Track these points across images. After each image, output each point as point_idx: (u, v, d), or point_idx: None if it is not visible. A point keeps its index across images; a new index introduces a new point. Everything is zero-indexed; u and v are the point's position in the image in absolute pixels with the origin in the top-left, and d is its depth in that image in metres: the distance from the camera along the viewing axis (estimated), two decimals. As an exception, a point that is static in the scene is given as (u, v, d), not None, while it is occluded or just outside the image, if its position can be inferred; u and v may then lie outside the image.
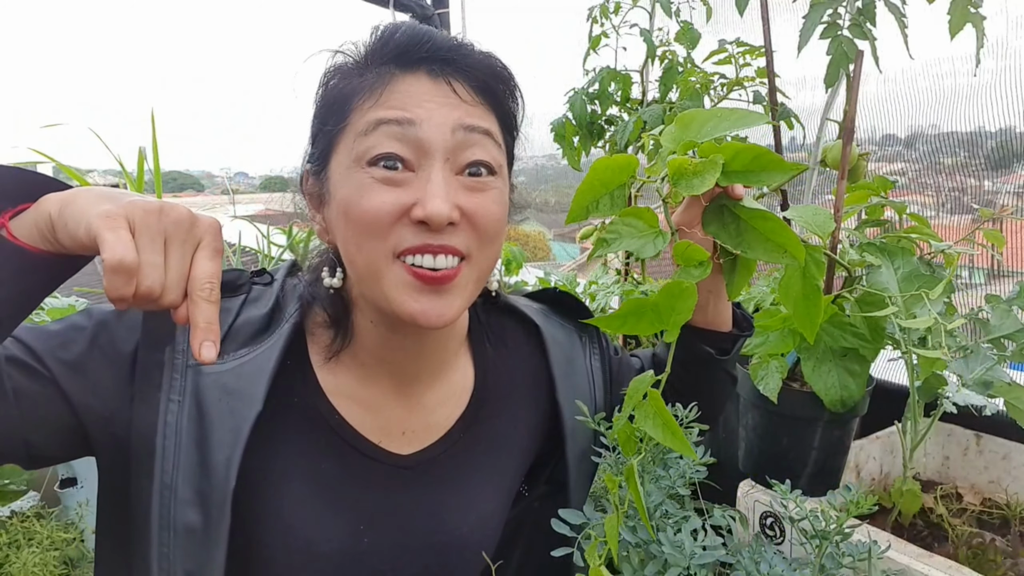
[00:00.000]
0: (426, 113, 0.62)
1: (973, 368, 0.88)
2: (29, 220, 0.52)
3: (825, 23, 0.86)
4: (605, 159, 0.59)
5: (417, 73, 0.64)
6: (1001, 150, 1.21)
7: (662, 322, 0.55)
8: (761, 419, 0.96)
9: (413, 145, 0.62)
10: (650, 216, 0.57)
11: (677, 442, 0.55)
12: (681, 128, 0.59)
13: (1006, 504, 1.01)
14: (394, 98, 0.63)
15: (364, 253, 0.63)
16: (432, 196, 0.60)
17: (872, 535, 0.81)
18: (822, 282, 0.62)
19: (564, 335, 0.86)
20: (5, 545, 1.37)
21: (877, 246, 0.87)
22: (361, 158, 0.62)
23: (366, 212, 0.61)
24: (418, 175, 0.62)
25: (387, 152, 0.61)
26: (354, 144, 0.62)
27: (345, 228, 0.64)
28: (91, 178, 2.23)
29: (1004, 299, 0.92)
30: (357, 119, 0.63)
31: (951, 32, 0.84)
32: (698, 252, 0.55)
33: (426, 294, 0.62)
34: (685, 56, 1.39)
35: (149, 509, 0.60)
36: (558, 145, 1.54)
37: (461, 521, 0.73)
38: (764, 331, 0.80)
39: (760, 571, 0.73)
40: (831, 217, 0.70)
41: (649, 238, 0.56)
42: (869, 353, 0.83)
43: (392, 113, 0.61)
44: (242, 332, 0.67)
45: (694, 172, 0.55)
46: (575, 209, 0.61)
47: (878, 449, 1.08)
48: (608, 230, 0.58)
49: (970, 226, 0.99)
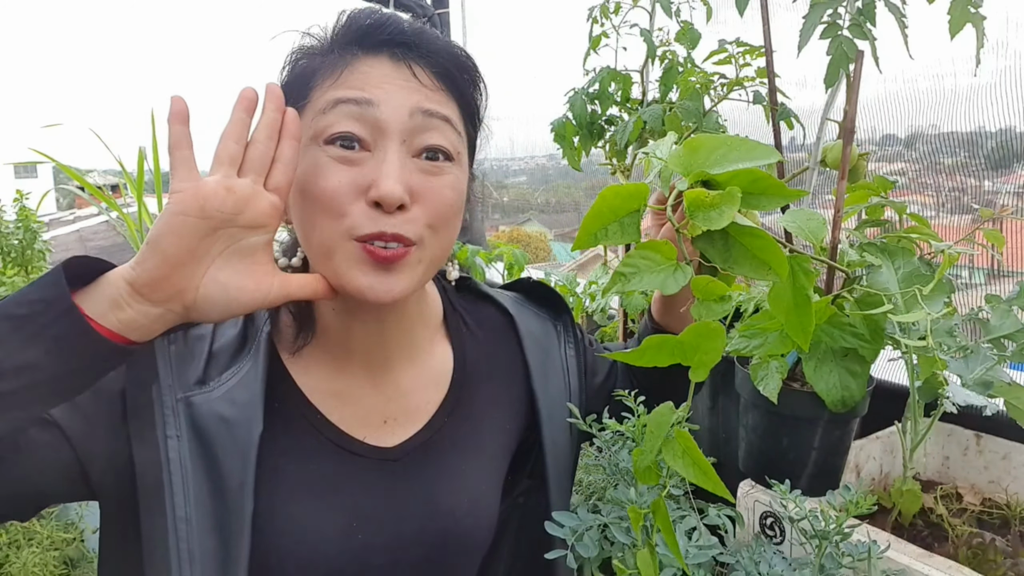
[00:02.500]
0: (384, 94, 0.63)
1: (973, 368, 0.88)
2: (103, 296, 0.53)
3: (825, 23, 0.86)
4: (615, 187, 0.58)
5: (379, 56, 0.65)
6: (1001, 150, 1.21)
7: (686, 359, 0.55)
8: (761, 419, 0.96)
9: (371, 125, 0.62)
10: (668, 249, 0.56)
11: (710, 482, 0.55)
12: (689, 154, 0.58)
13: (1006, 504, 1.01)
14: (354, 78, 0.64)
15: (318, 231, 0.64)
16: (386, 176, 0.61)
17: (872, 535, 0.81)
18: (812, 290, 0.62)
19: (538, 324, 0.87)
20: (5, 545, 1.37)
21: (877, 246, 0.87)
22: (319, 136, 0.63)
23: (323, 191, 0.62)
24: (374, 155, 0.63)
25: (344, 131, 0.62)
26: (312, 122, 0.63)
27: (302, 206, 0.65)
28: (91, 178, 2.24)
29: (1004, 299, 0.92)
30: (317, 97, 0.64)
31: (951, 32, 0.84)
32: (719, 287, 0.54)
33: (375, 270, 0.63)
34: (685, 56, 1.39)
35: (166, 542, 0.60)
36: (558, 145, 1.54)
37: (455, 506, 0.73)
38: (763, 332, 0.80)
39: (760, 571, 0.73)
40: (824, 223, 0.70)
41: (669, 272, 0.56)
42: (869, 353, 0.83)
43: (351, 93, 0.62)
44: (222, 355, 0.68)
45: (711, 205, 0.54)
46: (582, 236, 0.60)
47: (878, 449, 1.08)
48: (625, 264, 0.57)
49: (970, 226, 0.99)
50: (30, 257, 2.05)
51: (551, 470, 0.79)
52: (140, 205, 1.84)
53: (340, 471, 0.70)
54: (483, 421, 0.80)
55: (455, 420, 0.77)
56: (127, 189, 1.90)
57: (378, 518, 0.70)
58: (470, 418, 0.78)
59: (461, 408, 0.78)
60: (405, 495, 0.72)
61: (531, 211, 3.09)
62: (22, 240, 2.03)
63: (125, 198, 2.01)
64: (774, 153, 0.57)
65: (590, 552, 0.69)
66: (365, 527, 0.69)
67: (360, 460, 0.71)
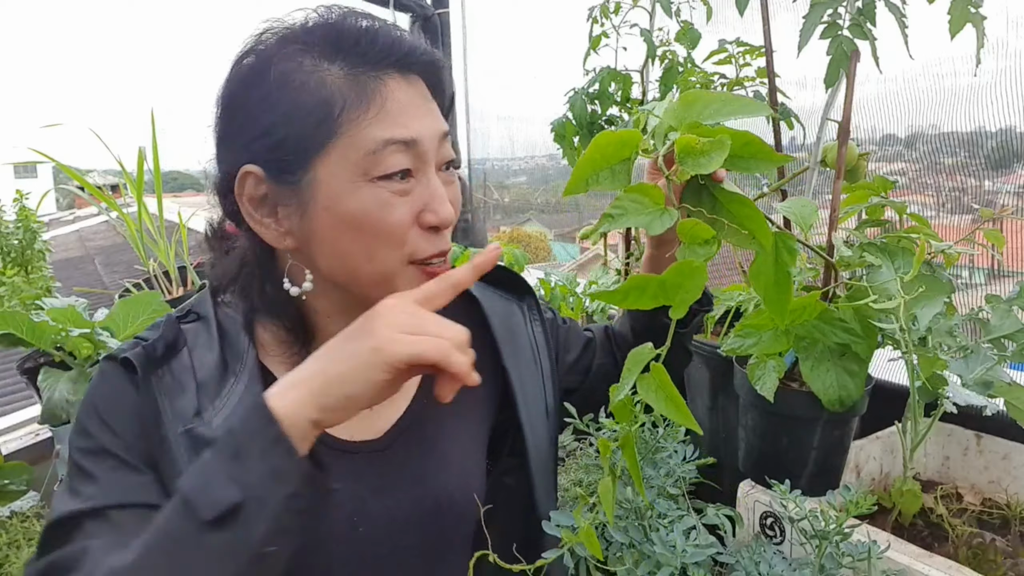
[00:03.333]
0: (422, 127, 0.64)
1: (973, 368, 0.88)
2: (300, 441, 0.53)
3: (825, 23, 0.86)
4: (608, 133, 0.60)
5: (393, 75, 0.64)
6: (1001, 150, 1.21)
7: (668, 298, 0.57)
8: (760, 419, 0.96)
9: (415, 157, 0.64)
10: (656, 193, 0.58)
11: (680, 414, 0.56)
12: (684, 107, 0.59)
13: (1006, 504, 1.01)
14: (394, 111, 0.63)
15: (377, 262, 0.64)
16: (441, 203, 0.64)
17: (872, 535, 0.81)
18: (793, 268, 0.64)
19: (502, 304, 0.88)
20: (5, 545, 1.37)
21: (877, 246, 0.87)
22: (369, 172, 0.62)
23: (390, 225, 0.63)
24: (418, 180, 0.65)
25: (401, 169, 0.63)
26: (360, 160, 0.62)
27: (353, 240, 0.64)
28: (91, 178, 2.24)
29: (1004, 299, 0.92)
30: (355, 132, 0.62)
31: (951, 32, 0.84)
32: (704, 230, 0.56)
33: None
34: (685, 56, 1.39)
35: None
36: (558, 145, 1.54)
37: (445, 481, 0.75)
38: (756, 331, 0.80)
39: (760, 571, 0.73)
40: (816, 211, 0.72)
41: (656, 215, 0.57)
42: (862, 349, 0.83)
43: (399, 133, 0.62)
44: (209, 383, 0.67)
45: (702, 151, 0.56)
46: (574, 181, 0.61)
47: (878, 449, 1.08)
48: (614, 206, 0.58)
49: (970, 226, 0.99)
50: (30, 257, 2.04)
51: (531, 447, 0.79)
52: (140, 205, 1.84)
53: (336, 471, 0.70)
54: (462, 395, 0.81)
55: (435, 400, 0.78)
56: (127, 189, 1.89)
57: (377, 508, 0.71)
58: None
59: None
60: (398, 480, 0.73)
61: (531, 211, 3.08)
62: (22, 240, 2.03)
63: (125, 198, 2.01)
64: (765, 107, 0.59)
65: (587, 551, 0.69)
66: (365, 520, 0.70)
67: (352, 457, 0.72)
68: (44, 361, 1.44)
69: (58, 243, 4.80)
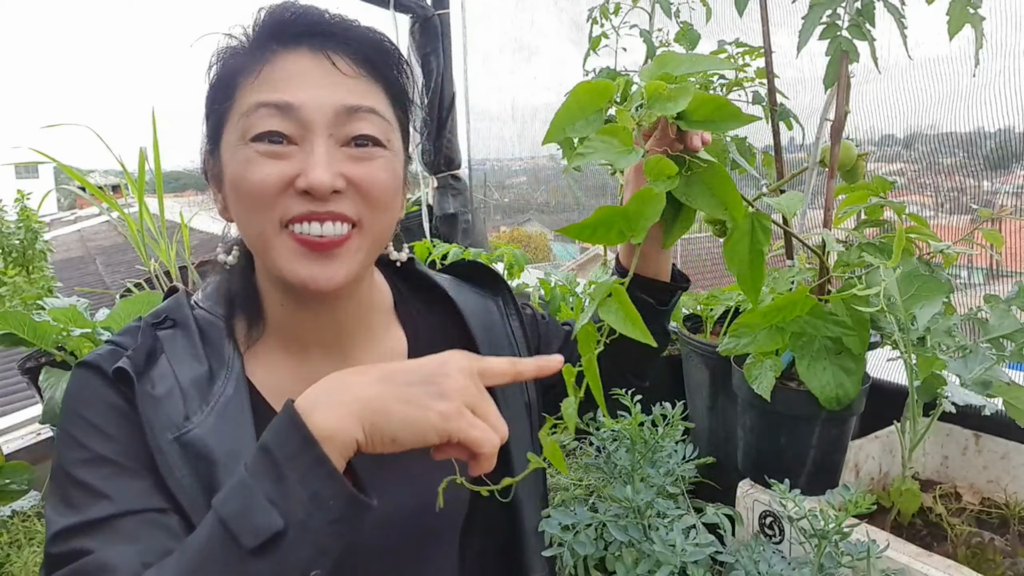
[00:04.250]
0: (306, 96, 0.64)
1: (972, 368, 0.88)
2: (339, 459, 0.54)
3: (824, 23, 0.86)
4: (586, 83, 0.64)
5: (299, 50, 0.65)
6: (1000, 150, 1.21)
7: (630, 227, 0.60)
8: (759, 419, 0.96)
9: (295, 122, 0.64)
10: (626, 135, 0.62)
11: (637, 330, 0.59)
12: (659, 65, 0.64)
13: (1005, 504, 1.01)
14: (275, 76, 0.64)
15: (254, 225, 0.66)
16: (314, 166, 0.63)
17: (871, 534, 0.81)
18: (767, 248, 0.67)
19: (478, 302, 0.88)
20: (6, 545, 1.37)
21: (876, 246, 0.87)
22: (245, 135, 0.64)
23: (253, 184, 0.63)
24: (302, 148, 0.64)
25: (268, 130, 0.63)
26: (239, 122, 0.65)
27: (236, 202, 0.66)
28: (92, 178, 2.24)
29: (1003, 299, 0.92)
30: (241, 98, 0.65)
31: (950, 32, 0.84)
32: (668, 167, 0.60)
33: (314, 260, 0.64)
34: (685, 56, 1.39)
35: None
36: (558, 145, 1.54)
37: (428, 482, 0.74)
38: (750, 330, 0.81)
39: (759, 570, 0.74)
40: (801, 200, 0.75)
41: (623, 153, 0.61)
42: (854, 344, 0.83)
43: (271, 96, 0.63)
44: (193, 388, 0.66)
45: (668, 96, 0.60)
46: (553, 130, 0.65)
47: (877, 449, 1.08)
48: (584, 145, 0.62)
49: (969, 226, 1.00)
50: (31, 257, 2.05)
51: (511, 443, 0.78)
52: (141, 205, 1.84)
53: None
54: None
55: None
56: (128, 189, 1.90)
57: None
58: None
59: None
60: (383, 482, 0.73)
61: (531, 211, 3.08)
62: (23, 240, 2.03)
63: (126, 198, 2.01)
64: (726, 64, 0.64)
65: (586, 550, 0.69)
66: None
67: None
68: (45, 361, 1.45)
69: (59, 243, 4.81)
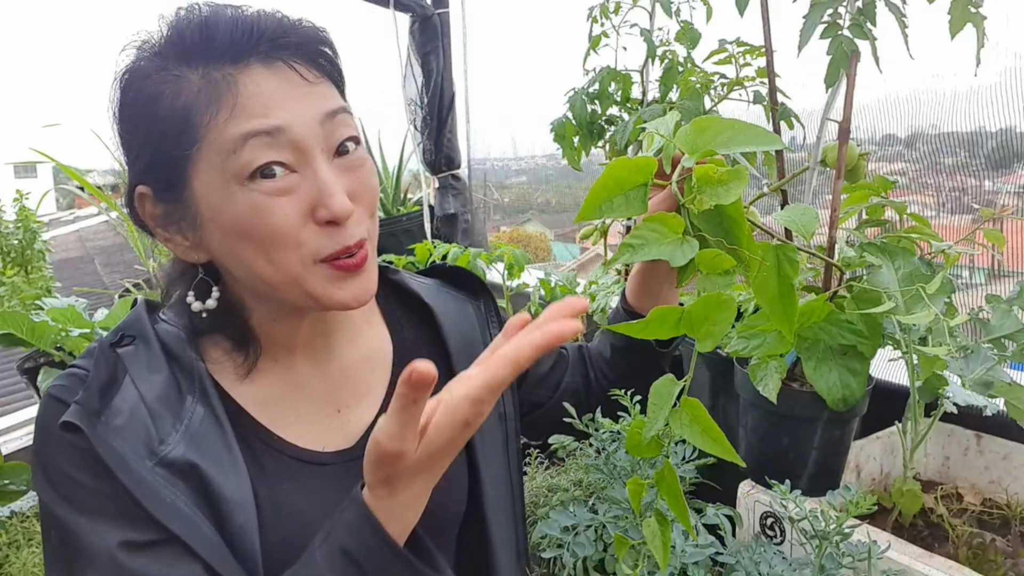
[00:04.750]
0: (290, 114, 0.60)
1: (974, 368, 0.88)
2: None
3: (825, 23, 0.86)
4: (624, 160, 0.58)
5: (252, 66, 0.60)
6: (1001, 150, 1.21)
7: (692, 331, 0.56)
8: (761, 419, 0.96)
9: (287, 147, 0.60)
10: (676, 222, 0.57)
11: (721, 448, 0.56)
12: (696, 133, 0.59)
13: (1006, 504, 1.01)
14: (251, 104, 0.59)
15: (278, 264, 0.61)
16: (331, 195, 0.60)
17: (872, 535, 0.81)
18: (796, 280, 0.63)
19: (456, 307, 0.85)
20: (5, 545, 1.37)
21: (878, 246, 0.87)
22: (240, 175, 0.59)
23: (273, 229, 0.59)
24: (303, 174, 0.61)
25: (266, 162, 0.59)
26: (224, 163, 0.59)
27: (246, 247, 0.61)
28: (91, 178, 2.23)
29: (1004, 299, 0.92)
30: (215, 135, 0.59)
31: (951, 32, 0.84)
32: (725, 261, 0.55)
33: (350, 281, 0.64)
34: (685, 56, 1.39)
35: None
36: (558, 145, 1.54)
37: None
38: (761, 332, 0.80)
39: (760, 571, 0.73)
40: (816, 218, 0.72)
41: (676, 244, 0.56)
42: (867, 350, 0.83)
43: (258, 124, 0.58)
44: (162, 408, 0.63)
45: (719, 181, 0.56)
46: (587, 207, 0.59)
47: (878, 449, 1.08)
48: (634, 235, 0.58)
49: (970, 226, 0.99)
50: (30, 257, 2.05)
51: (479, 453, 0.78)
52: (140, 205, 1.84)
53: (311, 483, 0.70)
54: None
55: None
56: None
57: None
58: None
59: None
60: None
61: (531, 211, 3.09)
62: (22, 240, 2.03)
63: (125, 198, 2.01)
64: (776, 140, 0.58)
65: (586, 551, 0.69)
66: None
67: (329, 468, 0.71)
68: (44, 361, 1.44)
69: (58, 243, 4.80)
